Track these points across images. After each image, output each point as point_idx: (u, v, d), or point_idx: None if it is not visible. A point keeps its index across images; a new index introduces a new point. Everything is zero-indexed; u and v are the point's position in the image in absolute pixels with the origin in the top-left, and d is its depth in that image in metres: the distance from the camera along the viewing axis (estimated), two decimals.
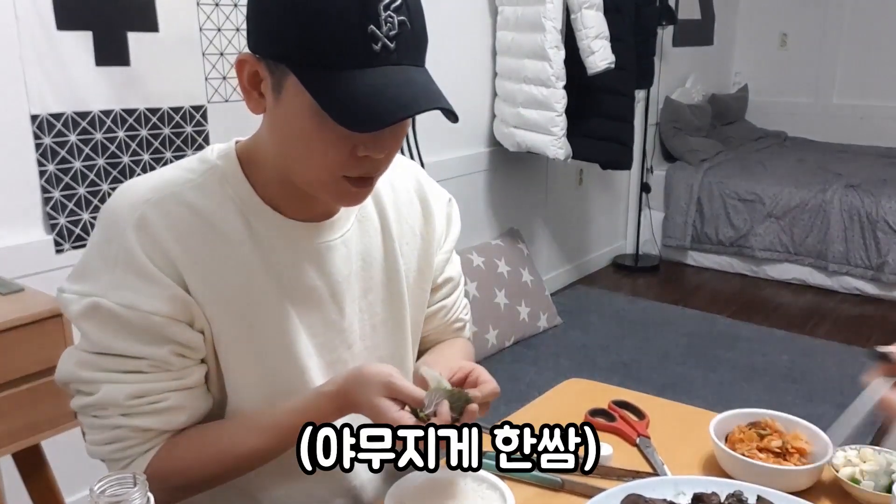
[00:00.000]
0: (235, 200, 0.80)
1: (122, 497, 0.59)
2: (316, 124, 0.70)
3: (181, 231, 0.77)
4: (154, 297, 0.74)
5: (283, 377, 0.84)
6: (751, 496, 0.77)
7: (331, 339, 0.87)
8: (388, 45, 0.68)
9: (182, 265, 0.76)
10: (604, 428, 0.99)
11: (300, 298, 0.83)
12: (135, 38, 1.83)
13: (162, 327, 0.75)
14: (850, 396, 2.92)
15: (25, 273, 1.70)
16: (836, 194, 3.75)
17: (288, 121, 0.73)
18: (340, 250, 0.86)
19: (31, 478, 1.46)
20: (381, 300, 0.91)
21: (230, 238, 0.79)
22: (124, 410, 0.76)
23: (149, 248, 0.75)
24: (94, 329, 0.75)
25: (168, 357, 0.76)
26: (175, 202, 0.77)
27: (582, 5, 2.79)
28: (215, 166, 0.80)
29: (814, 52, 4.94)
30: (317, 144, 0.72)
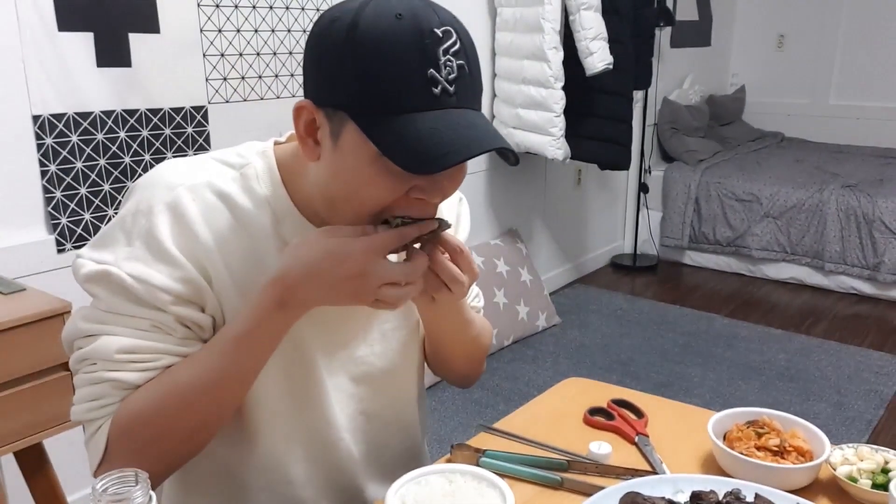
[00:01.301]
0: (269, 200, 0.80)
1: (124, 495, 0.59)
2: (375, 171, 0.70)
3: (212, 218, 0.77)
4: (166, 275, 0.74)
5: (295, 374, 0.84)
6: (749, 494, 0.77)
7: (341, 342, 0.87)
8: (448, 89, 0.68)
9: (207, 251, 0.76)
10: (603, 426, 0.99)
11: None
12: (136, 40, 1.84)
13: (167, 304, 0.74)
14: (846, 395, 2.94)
15: (27, 273, 1.70)
16: (833, 194, 3.76)
17: (346, 168, 0.72)
18: None
19: (33, 477, 1.46)
20: (386, 313, 0.91)
21: (257, 234, 0.79)
22: (111, 365, 0.74)
23: (175, 230, 0.75)
24: (101, 292, 0.75)
25: (172, 323, 0.76)
26: (211, 190, 0.78)
27: (580, 7, 2.80)
28: (252, 163, 0.81)
29: (811, 53, 4.95)
30: (373, 190, 0.71)
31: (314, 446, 0.88)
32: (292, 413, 0.86)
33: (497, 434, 0.98)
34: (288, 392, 0.85)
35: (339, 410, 0.89)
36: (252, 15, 2.09)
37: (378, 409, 0.93)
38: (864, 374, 2.87)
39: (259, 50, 2.13)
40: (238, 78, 2.08)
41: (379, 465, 0.96)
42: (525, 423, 1.01)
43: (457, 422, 2.51)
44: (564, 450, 0.93)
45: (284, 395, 0.84)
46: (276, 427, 0.85)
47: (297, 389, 0.85)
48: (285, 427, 0.86)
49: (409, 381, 0.98)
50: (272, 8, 2.14)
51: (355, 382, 0.90)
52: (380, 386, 0.93)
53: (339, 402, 0.89)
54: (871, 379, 2.84)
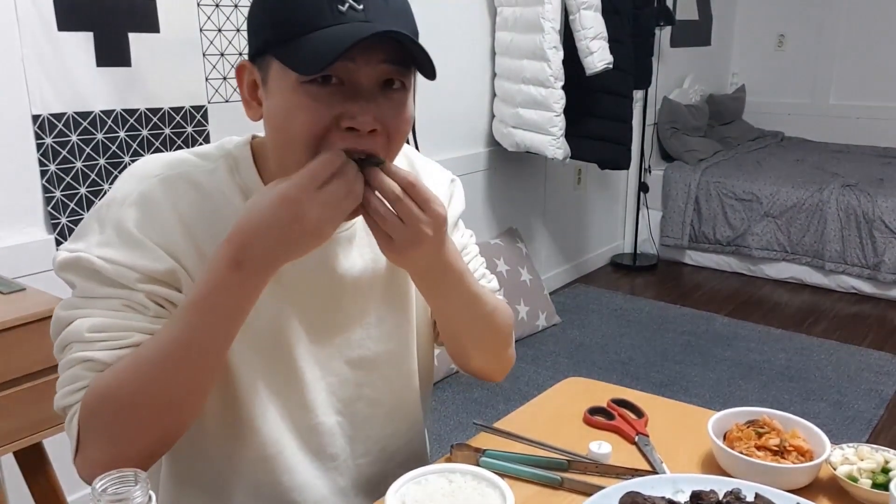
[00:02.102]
0: (244, 189, 0.80)
1: (124, 495, 0.59)
2: (297, 98, 0.70)
3: (185, 209, 0.77)
4: (136, 256, 0.74)
5: (274, 361, 0.84)
6: (749, 494, 0.77)
7: (329, 328, 0.87)
8: (355, 6, 0.69)
9: (179, 242, 0.76)
10: (603, 426, 0.99)
11: (298, 289, 0.84)
12: (136, 39, 1.83)
13: (135, 282, 0.74)
14: (846, 395, 2.93)
15: (27, 273, 1.70)
16: (833, 194, 3.76)
17: (276, 108, 0.73)
18: (344, 245, 0.86)
19: (32, 476, 1.46)
20: (390, 291, 0.91)
21: (232, 221, 0.78)
22: (83, 346, 0.73)
23: (146, 220, 0.75)
24: (75, 278, 0.76)
25: (144, 300, 0.75)
26: (185, 181, 0.78)
27: (580, 6, 2.80)
28: (229, 154, 0.82)
29: (811, 52, 4.95)
30: (300, 118, 0.70)
31: (305, 434, 0.88)
32: (280, 402, 0.85)
33: (497, 434, 0.97)
34: (271, 380, 0.84)
35: (331, 395, 0.89)
36: None
37: (378, 395, 0.93)
38: (865, 374, 2.87)
39: None
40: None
41: (379, 451, 0.95)
42: (525, 422, 1.01)
43: (456, 421, 2.51)
44: (564, 449, 0.93)
45: (268, 384, 0.84)
46: (266, 418, 0.85)
47: (279, 377, 0.85)
48: (274, 417, 0.85)
49: (409, 366, 0.96)
50: None
51: (352, 367, 0.90)
52: (378, 370, 0.92)
53: (332, 387, 0.89)
54: (871, 378, 2.83)
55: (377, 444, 0.95)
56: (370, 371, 0.92)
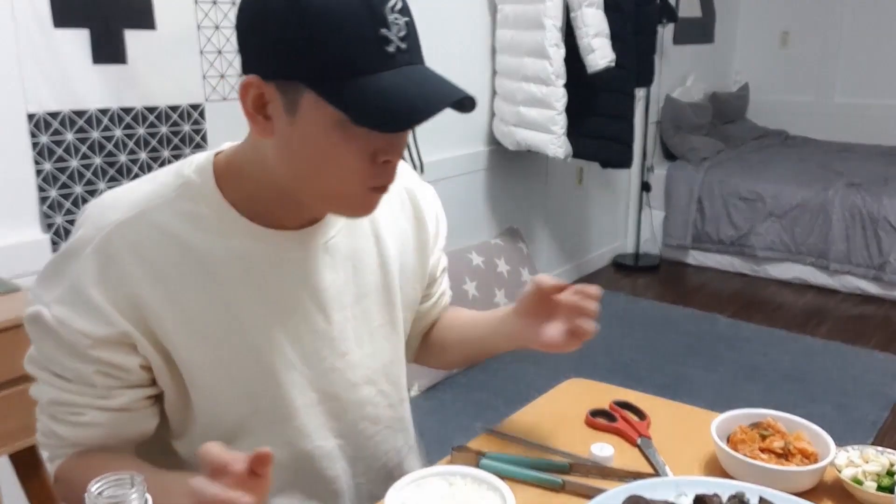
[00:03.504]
0: (209, 217, 0.78)
1: (120, 498, 0.58)
2: (338, 136, 0.70)
3: (147, 255, 0.76)
4: (88, 320, 0.74)
5: (259, 393, 0.82)
6: (753, 497, 0.77)
7: (319, 349, 0.85)
8: (401, 46, 0.69)
9: (142, 292, 0.75)
10: (605, 428, 0.99)
11: (282, 309, 0.82)
12: (132, 36, 1.83)
13: (87, 348, 0.75)
14: (851, 397, 2.92)
15: (22, 272, 1.69)
16: (838, 193, 3.74)
17: (306, 139, 0.71)
18: (323, 258, 0.84)
19: (28, 478, 1.46)
20: (376, 304, 0.90)
21: (202, 256, 0.77)
22: (48, 412, 0.80)
23: (103, 276, 0.75)
24: (35, 336, 0.78)
25: (92, 376, 0.76)
26: (145, 223, 0.76)
27: (582, 3, 2.79)
28: (189, 181, 0.79)
29: (815, 50, 4.94)
30: (338, 158, 0.71)
31: (301, 460, 0.87)
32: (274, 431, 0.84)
33: (498, 436, 0.97)
34: (260, 413, 0.83)
35: (331, 419, 0.88)
36: None
37: (378, 412, 0.93)
38: (870, 376, 2.86)
39: None
40: (235, 75, 2.07)
41: (379, 468, 0.95)
42: (526, 424, 1.00)
43: (457, 423, 2.49)
44: (566, 452, 0.92)
45: (258, 416, 0.83)
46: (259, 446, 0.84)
47: (267, 407, 0.83)
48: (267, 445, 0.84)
49: (402, 378, 0.97)
50: None
51: (355, 387, 0.89)
52: (376, 385, 0.92)
53: (333, 411, 0.88)
54: (876, 380, 2.82)
55: (378, 462, 0.95)
56: (371, 388, 0.91)
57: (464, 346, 1.04)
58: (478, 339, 1.02)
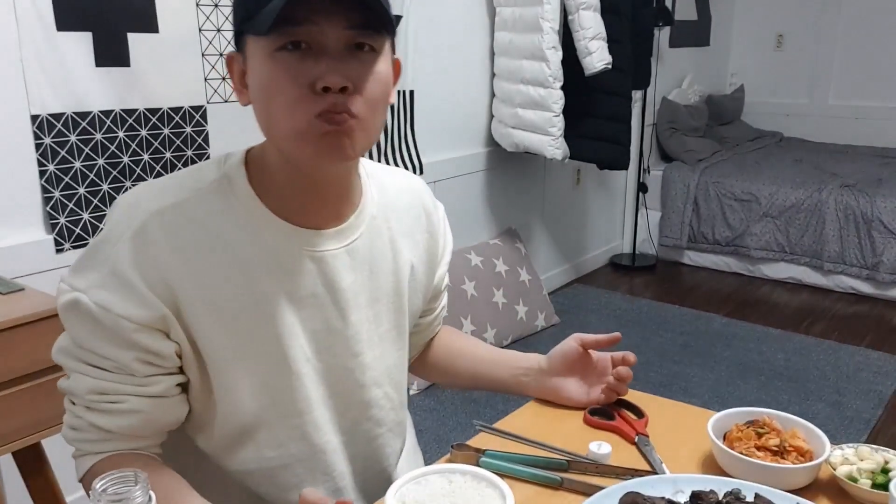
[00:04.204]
0: (241, 211, 0.80)
1: (124, 495, 0.59)
2: (271, 67, 0.73)
3: (181, 243, 0.77)
4: (129, 302, 0.75)
5: (277, 385, 0.84)
6: (749, 494, 0.77)
7: (333, 345, 0.87)
8: None
9: (175, 277, 0.77)
10: (603, 426, 0.99)
11: (303, 305, 0.83)
12: (135, 39, 1.83)
13: (130, 332, 0.76)
14: (845, 395, 2.92)
15: (25, 273, 1.70)
16: (832, 194, 3.76)
17: (255, 83, 0.75)
18: (344, 259, 0.86)
19: (31, 477, 1.46)
20: (386, 309, 0.92)
21: (233, 249, 0.79)
22: (86, 403, 0.79)
23: (140, 259, 0.76)
24: (72, 323, 0.77)
25: (132, 363, 0.77)
26: (180, 213, 0.78)
27: (579, 6, 2.80)
28: (224, 176, 0.81)
29: (810, 52, 4.95)
30: (279, 89, 0.73)
31: (311, 453, 0.88)
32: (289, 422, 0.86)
33: (497, 434, 0.97)
34: (278, 400, 0.84)
35: (337, 415, 0.89)
36: None
37: (382, 414, 0.94)
38: (863, 374, 2.88)
39: None
40: None
41: (381, 471, 0.96)
42: (525, 422, 1.00)
43: (456, 421, 2.50)
44: (564, 450, 0.93)
45: (275, 403, 0.84)
46: (273, 435, 0.86)
47: (285, 395, 0.85)
48: (281, 435, 0.86)
49: (404, 382, 0.98)
50: None
51: (362, 387, 0.91)
52: (382, 388, 0.93)
53: (339, 408, 0.89)
54: (869, 378, 2.84)
55: (378, 464, 0.96)
56: (377, 390, 0.92)
57: (477, 381, 1.08)
58: (493, 380, 1.06)
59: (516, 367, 1.05)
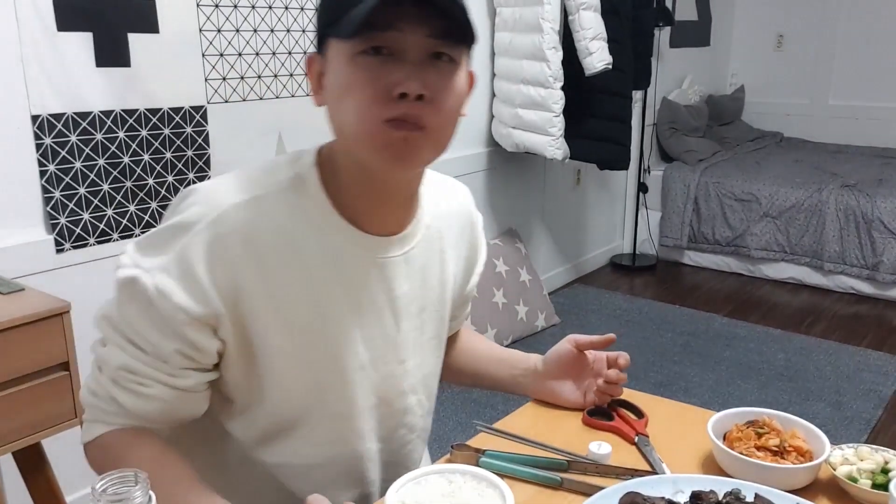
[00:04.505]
0: (312, 212, 0.81)
1: (124, 495, 0.59)
2: (352, 69, 0.73)
3: (253, 238, 0.77)
4: (190, 294, 0.76)
5: (328, 387, 0.85)
6: (749, 494, 0.77)
7: (384, 354, 0.88)
8: None
9: (243, 271, 0.77)
10: (602, 427, 0.99)
11: (363, 311, 0.84)
12: (135, 40, 1.83)
13: (181, 324, 0.76)
14: (845, 395, 2.92)
15: (26, 273, 1.70)
16: (832, 194, 3.76)
17: (332, 84, 0.76)
18: (402, 267, 0.87)
19: (31, 477, 1.46)
20: (430, 319, 0.93)
21: (302, 248, 0.80)
22: (113, 376, 0.79)
23: (212, 252, 0.76)
24: (124, 298, 0.78)
25: (171, 354, 0.78)
26: (256, 209, 0.78)
27: (579, 7, 2.80)
28: (299, 175, 0.81)
29: (810, 53, 4.95)
30: (355, 90, 0.73)
31: (349, 458, 0.89)
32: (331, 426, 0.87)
33: (497, 434, 0.97)
34: (325, 406, 0.85)
35: (379, 423, 0.91)
36: (251, 15, 2.09)
37: (415, 420, 0.95)
38: (863, 374, 2.87)
39: (258, 50, 2.13)
40: (237, 78, 2.08)
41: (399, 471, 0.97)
42: (525, 423, 1.01)
43: (456, 421, 2.50)
44: (564, 450, 0.93)
45: (322, 408, 0.85)
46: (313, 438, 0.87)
47: (332, 402, 0.86)
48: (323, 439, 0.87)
49: (435, 390, 1.00)
50: (271, 8, 2.14)
51: (403, 394, 0.92)
52: (417, 395, 0.94)
53: (384, 416, 0.90)
54: (869, 379, 2.84)
55: (406, 469, 0.95)
56: (414, 397, 0.93)
57: (477, 379, 1.10)
58: (493, 378, 1.08)
59: (515, 367, 1.06)
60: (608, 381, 1.01)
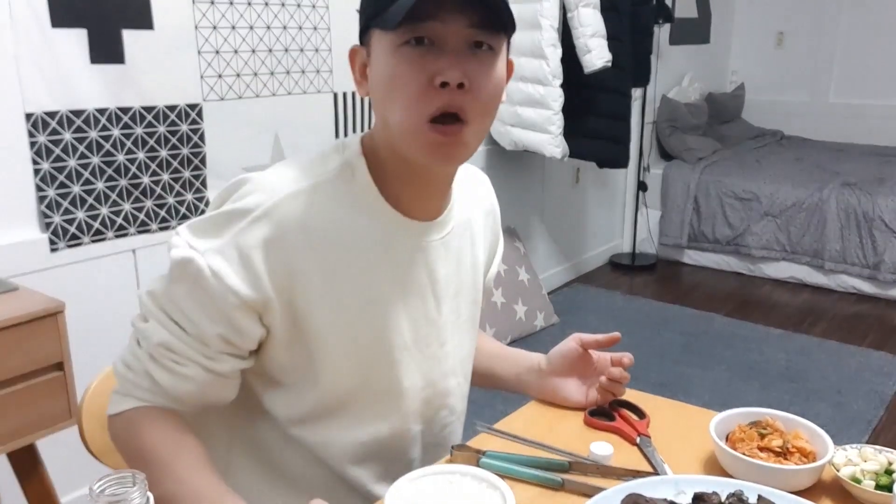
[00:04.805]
0: (361, 199, 0.84)
1: (121, 496, 0.59)
2: (395, 60, 0.76)
3: (308, 225, 0.80)
4: (243, 278, 0.78)
5: (375, 368, 0.87)
6: (751, 495, 0.77)
7: (427, 335, 0.91)
8: None
9: (298, 257, 0.80)
10: (604, 427, 0.99)
11: (408, 293, 0.87)
12: (130, 36, 1.82)
13: (231, 307, 0.78)
14: (846, 395, 2.92)
15: (20, 272, 1.69)
16: (833, 193, 3.75)
17: (376, 75, 0.79)
18: (441, 251, 0.90)
19: (26, 477, 1.46)
20: (465, 302, 0.96)
21: (353, 233, 0.83)
22: (152, 351, 0.81)
23: (269, 238, 0.78)
24: (175, 278, 0.80)
25: (212, 338, 0.80)
26: (311, 197, 0.81)
27: (578, 4, 2.79)
28: (348, 163, 0.85)
29: (810, 50, 4.95)
30: (400, 82, 0.76)
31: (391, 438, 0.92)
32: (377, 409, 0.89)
33: (497, 435, 0.97)
34: (371, 388, 0.88)
35: (424, 404, 0.93)
36: (247, 11, 2.07)
37: (455, 402, 0.98)
38: (865, 374, 2.87)
39: (254, 47, 2.11)
40: (233, 75, 2.07)
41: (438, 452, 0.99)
42: (525, 423, 1.00)
43: None
44: (565, 451, 0.92)
45: (368, 391, 0.88)
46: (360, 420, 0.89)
47: (381, 385, 0.88)
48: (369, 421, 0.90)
49: (470, 372, 1.02)
50: (267, 4, 2.12)
51: (445, 376, 0.94)
52: (456, 377, 0.97)
53: (429, 398, 0.93)
54: (871, 379, 2.83)
55: (446, 452, 0.97)
56: (454, 379, 0.96)
57: (482, 379, 1.12)
58: (496, 377, 1.10)
59: (518, 366, 1.08)
60: (611, 379, 1.01)
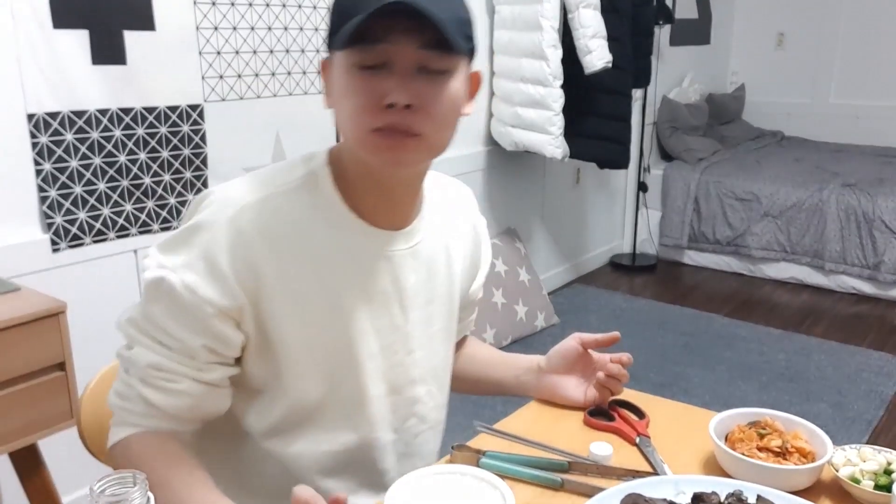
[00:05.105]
0: (325, 209, 0.85)
1: (122, 496, 0.59)
2: (348, 79, 0.77)
3: (270, 234, 0.81)
4: (215, 288, 0.79)
5: (340, 378, 0.88)
6: (751, 496, 0.77)
7: (394, 343, 0.91)
8: None
9: (262, 266, 0.81)
10: (603, 428, 0.99)
11: (373, 302, 0.88)
12: (131, 37, 1.82)
13: (208, 317, 0.79)
14: (846, 395, 2.91)
15: (21, 272, 1.70)
16: (833, 194, 3.75)
17: (336, 91, 0.81)
18: (409, 260, 0.90)
19: (27, 477, 1.46)
20: (439, 311, 0.96)
21: (316, 243, 0.84)
22: (142, 375, 0.81)
23: (233, 246, 0.80)
24: (150, 298, 0.81)
25: (198, 349, 0.80)
26: (272, 205, 0.82)
27: (579, 4, 2.79)
28: (311, 173, 0.85)
29: (811, 51, 4.95)
30: (350, 99, 0.77)
31: (362, 447, 0.92)
32: (344, 414, 0.89)
33: (497, 435, 0.97)
34: (337, 394, 0.88)
35: (391, 412, 0.93)
36: (248, 12, 2.08)
37: (425, 411, 0.98)
38: (865, 375, 2.87)
39: (256, 48, 2.12)
40: (234, 76, 2.07)
41: (413, 462, 0.98)
42: (525, 423, 1.00)
43: (455, 422, 2.48)
44: (565, 451, 0.92)
45: (334, 398, 0.88)
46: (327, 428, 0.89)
47: (345, 392, 0.88)
48: (336, 428, 0.90)
49: (447, 382, 1.02)
50: (269, 5, 2.13)
51: (412, 384, 0.94)
52: (427, 385, 0.97)
53: (395, 405, 0.93)
54: (871, 379, 2.83)
55: (422, 461, 0.98)
56: (423, 387, 0.96)
57: (480, 384, 1.13)
58: (496, 382, 1.11)
59: (517, 368, 1.09)
60: (609, 375, 1.02)
